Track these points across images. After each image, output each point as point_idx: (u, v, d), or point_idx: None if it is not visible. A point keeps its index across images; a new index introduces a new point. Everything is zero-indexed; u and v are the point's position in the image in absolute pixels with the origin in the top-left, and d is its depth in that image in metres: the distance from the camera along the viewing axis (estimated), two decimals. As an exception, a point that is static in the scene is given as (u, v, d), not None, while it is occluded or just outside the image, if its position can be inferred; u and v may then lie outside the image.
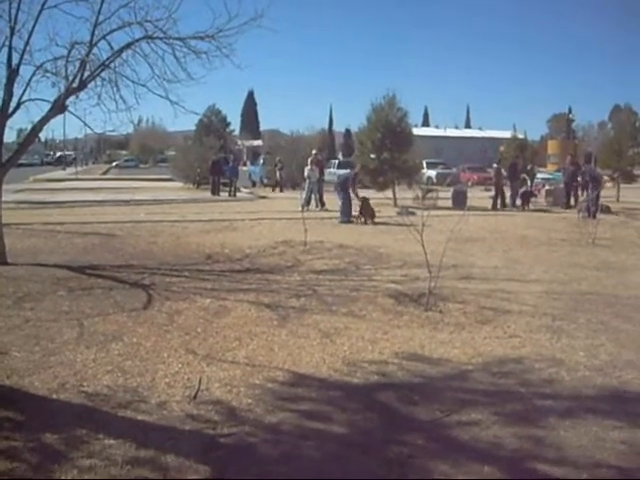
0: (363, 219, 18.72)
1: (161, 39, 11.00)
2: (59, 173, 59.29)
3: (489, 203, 27.02)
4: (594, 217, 20.44)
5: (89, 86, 11.26)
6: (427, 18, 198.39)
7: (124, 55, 11.18)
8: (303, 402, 5.27)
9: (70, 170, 62.61)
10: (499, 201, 25.19)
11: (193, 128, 44.87)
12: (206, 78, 11.75)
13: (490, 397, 5.43)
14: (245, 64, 12.29)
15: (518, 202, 24.97)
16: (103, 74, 11.26)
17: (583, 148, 64.33)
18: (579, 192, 25.64)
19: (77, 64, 10.99)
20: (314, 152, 25.07)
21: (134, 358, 6.26)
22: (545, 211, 24.79)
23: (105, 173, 66.24)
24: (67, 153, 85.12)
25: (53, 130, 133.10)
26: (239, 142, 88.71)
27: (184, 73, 11.24)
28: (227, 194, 31.02)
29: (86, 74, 11.04)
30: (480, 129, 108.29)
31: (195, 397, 5.26)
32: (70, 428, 4.64)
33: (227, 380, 5.69)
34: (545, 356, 6.55)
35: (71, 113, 11.61)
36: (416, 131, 31.91)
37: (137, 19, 10.72)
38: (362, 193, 20.21)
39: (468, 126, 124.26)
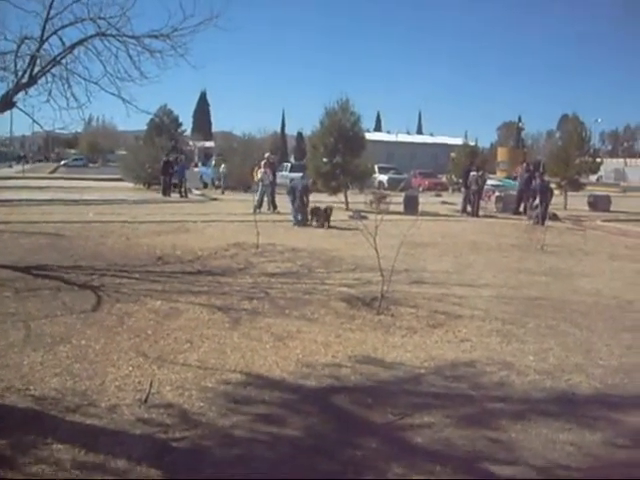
0: (316, 222, 18.71)
1: (114, 37, 10.81)
2: (5, 170, 57.93)
3: (441, 209, 27.39)
4: (543, 224, 20.85)
5: (39, 82, 11.00)
6: (379, 24, 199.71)
7: (76, 52, 10.96)
8: (256, 405, 5.22)
9: (17, 168, 61.18)
10: (476, 208, 25.22)
11: (144, 128, 44.34)
12: (160, 78, 11.59)
13: (442, 400, 5.47)
14: (199, 64, 12.06)
15: (469, 209, 25.26)
16: (54, 70, 11.00)
17: (532, 156, 65.63)
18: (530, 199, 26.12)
19: (27, 59, 10.73)
20: (267, 155, 25.01)
21: (83, 361, 6.12)
22: (494, 217, 25.17)
23: (53, 172, 64.77)
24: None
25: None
26: (191, 143, 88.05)
27: (137, 72, 11.05)
28: (178, 195, 30.73)
29: (36, 70, 10.79)
30: (431, 135, 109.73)
31: (146, 400, 5.16)
32: (17, 433, 4.51)
33: (179, 383, 5.61)
34: (496, 360, 6.63)
35: (20, 109, 11.33)
36: (368, 136, 32.09)
37: (90, 15, 10.53)
38: (315, 197, 20.23)
39: (420, 132, 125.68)
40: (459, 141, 48.48)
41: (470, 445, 4.61)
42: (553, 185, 25.52)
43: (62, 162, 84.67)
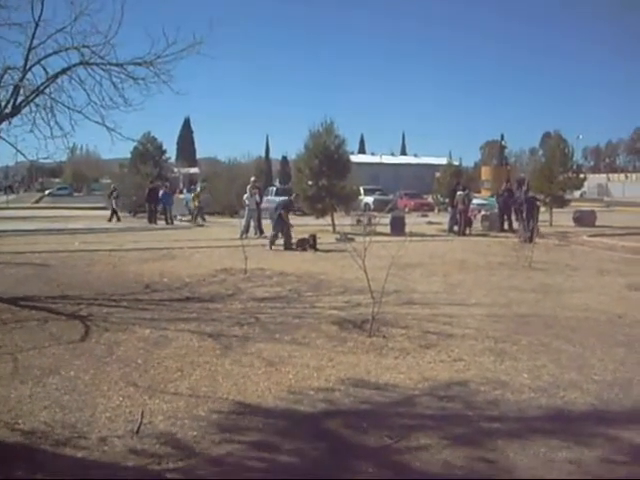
0: (301, 247, 18.62)
1: (98, 65, 10.79)
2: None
3: (427, 229, 27.45)
4: (531, 241, 20.91)
5: (23, 112, 10.95)
6: (361, 47, 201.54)
7: (59, 81, 10.91)
8: (250, 433, 5.13)
9: (1, 199, 60.84)
10: (463, 227, 25.27)
11: (128, 156, 44.01)
12: (143, 105, 11.56)
13: (438, 421, 5.41)
14: (183, 91, 12.04)
15: (455, 228, 25.32)
16: (37, 100, 10.96)
17: (515, 174, 66.04)
18: (513, 217, 26.28)
19: (10, 89, 10.69)
20: (252, 179, 24.99)
21: (72, 392, 6.01)
22: (481, 236, 25.24)
23: (38, 202, 64.42)
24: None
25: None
26: (175, 170, 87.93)
27: (121, 99, 11.03)
28: (164, 222, 30.64)
29: (20, 99, 10.74)
30: (415, 156, 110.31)
31: (138, 431, 5.06)
32: (5, 468, 4.40)
33: (170, 412, 5.51)
34: (490, 379, 6.59)
35: (3, 140, 11.26)
36: (353, 158, 32.16)
37: (74, 44, 10.51)
38: (302, 220, 20.17)
39: (404, 153, 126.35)
40: (443, 161, 48.84)
41: (468, 467, 4.55)
42: (538, 203, 25.63)
43: (47, 192, 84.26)
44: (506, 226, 26.75)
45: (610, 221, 31.17)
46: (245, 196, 23.69)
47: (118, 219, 32.26)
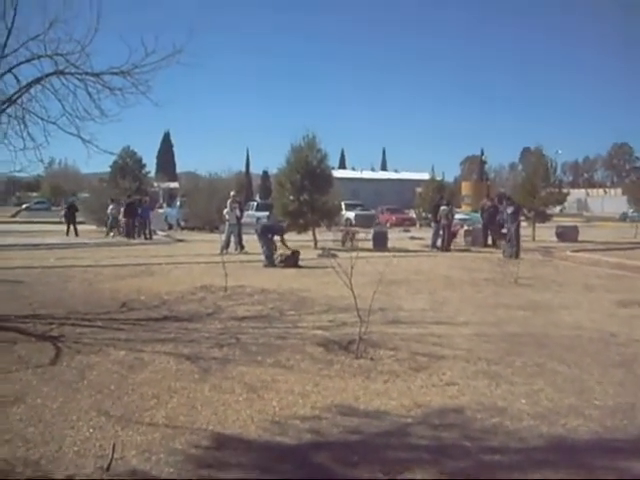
0: (284, 263, 18.19)
1: (73, 74, 10.36)
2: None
3: (410, 244, 27.22)
4: (517, 257, 20.71)
5: (-6, 123, 10.49)
6: (339, 59, 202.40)
7: (32, 90, 10.48)
8: (231, 469, 4.70)
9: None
10: (446, 242, 24.94)
11: (108, 170, 43.60)
12: (121, 116, 11.11)
13: (434, 454, 5.02)
14: (161, 102, 11.61)
15: (438, 243, 25.05)
16: (9, 110, 10.51)
17: (496, 189, 66.19)
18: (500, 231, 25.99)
19: (-20, 99, 10.23)
20: (232, 194, 24.58)
21: (38, 423, 5.52)
22: (465, 251, 25.02)
23: (14, 216, 63.49)
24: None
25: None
26: (155, 184, 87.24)
27: (97, 110, 10.59)
28: (143, 237, 30.12)
29: (-10, 109, 10.29)
30: (396, 171, 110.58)
31: (108, 468, 4.58)
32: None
33: (145, 446, 5.05)
34: (486, 405, 6.21)
35: (-27, 151, 10.78)
36: (333, 173, 31.92)
37: (47, 52, 10.08)
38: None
39: (384, 168, 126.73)
40: (424, 176, 48.76)
41: (471, 507, 4.17)
42: (522, 217, 25.52)
43: (24, 206, 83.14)
44: (490, 241, 26.54)
45: (591, 236, 31.16)
46: (225, 211, 23.28)
47: (76, 233, 31.81)
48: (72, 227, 32.42)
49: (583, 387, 6.82)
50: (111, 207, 32.67)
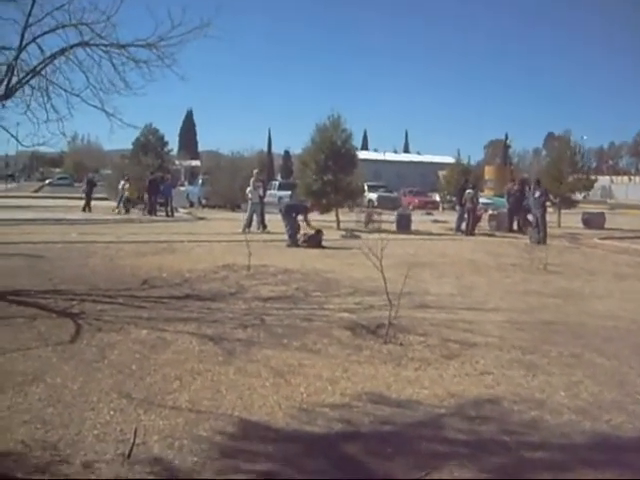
0: (307, 243, 17.92)
1: (97, 46, 10.10)
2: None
3: (433, 227, 26.83)
4: (544, 242, 20.32)
5: (17, 94, 10.27)
6: (365, 43, 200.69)
7: (56, 62, 10.23)
8: (258, 460, 4.44)
9: (1, 187, 60.23)
10: (471, 226, 24.50)
11: (130, 147, 43.34)
12: (145, 89, 10.86)
13: (473, 448, 4.73)
14: (187, 76, 11.34)
15: (463, 227, 24.64)
16: (33, 82, 10.28)
17: (519, 174, 65.42)
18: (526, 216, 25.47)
19: (3, 69, 9.99)
20: (256, 172, 24.28)
21: (57, 404, 5.29)
22: (490, 235, 24.59)
23: (37, 191, 63.74)
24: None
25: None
26: (177, 162, 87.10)
27: (122, 83, 10.35)
28: (164, 214, 29.98)
29: (14, 81, 10.05)
30: (418, 154, 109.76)
31: (129, 455, 4.34)
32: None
33: (168, 431, 4.81)
34: (523, 396, 5.91)
35: (-5, 123, 10.57)
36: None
37: (72, 21, 9.81)
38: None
39: (407, 150, 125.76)
40: (446, 160, 48.26)
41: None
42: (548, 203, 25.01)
43: (47, 181, 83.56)
44: (515, 226, 26.07)
45: (616, 223, 30.53)
46: (248, 189, 22.99)
47: (89, 209, 31.74)
48: (88, 203, 32.30)
49: (624, 380, 6.50)
50: (122, 183, 32.49)
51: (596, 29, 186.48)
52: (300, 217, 18.89)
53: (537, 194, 22.39)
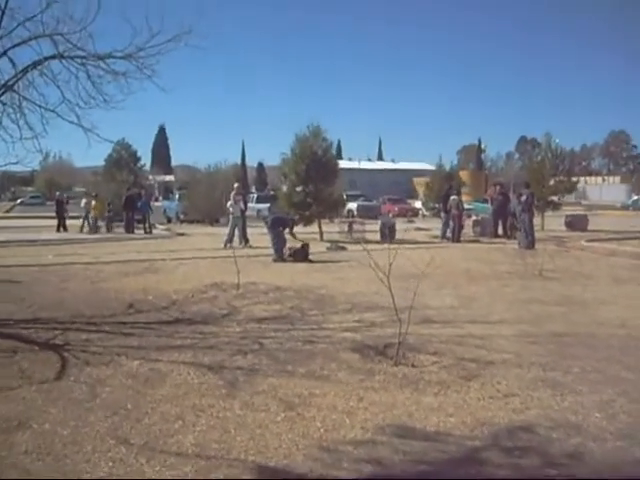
0: (294, 257, 17.37)
1: (73, 58, 9.52)
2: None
3: (417, 235, 26.43)
4: (533, 247, 20.01)
5: (-13, 111, 9.66)
6: (335, 50, 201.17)
7: (30, 76, 9.64)
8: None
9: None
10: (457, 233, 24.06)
11: (102, 163, 42.74)
12: (125, 103, 10.29)
13: (520, 488, 4.23)
14: (168, 87, 10.76)
15: (448, 234, 24.27)
16: (4, 97, 9.67)
17: (493, 178, 65.61)
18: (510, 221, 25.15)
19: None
20: (236, 185, 23.72)
21: (47, 456, 4.67)
22: (475, 242, 24.25)
23: (9, 211, 62.56)
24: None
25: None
26: (150, 177, 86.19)
27: (100, 96, 9.77)
28: (142, 231, 29.29)
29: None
30: (393, 161, 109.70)
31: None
32: None
33: (176, 484, 4.25)
34: (557, 421, 5.41)
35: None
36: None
37: (46, 32, 9.23)
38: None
39: (381, 158, 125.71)
40: (421, 166, 48.05)
41: None
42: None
43: (18, 200, 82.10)
44: (500, 231, 25.74)
45: (597, 225, 30.49)
46: (229, 203, 22.39)
47: (65, 228, 30.81)
48: (62, 222, 31.30)
49: (659, 397, 6.05)
50: (84, 201, 31.69)
51: (566, 31, 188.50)
52: (286, 230, 18.36)
53: (524, 197, 22.07)
